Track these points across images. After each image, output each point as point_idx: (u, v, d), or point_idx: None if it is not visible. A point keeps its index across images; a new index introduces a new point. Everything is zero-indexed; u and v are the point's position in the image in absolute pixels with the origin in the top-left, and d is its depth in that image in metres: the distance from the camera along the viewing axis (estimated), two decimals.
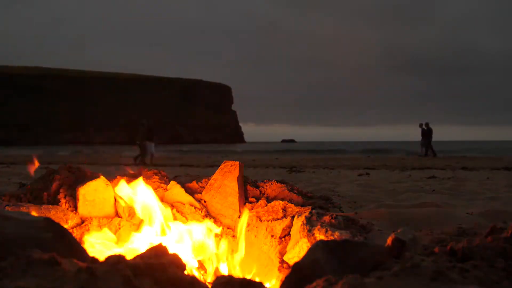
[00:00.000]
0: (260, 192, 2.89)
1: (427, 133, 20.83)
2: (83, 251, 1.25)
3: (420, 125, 21.16)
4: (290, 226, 2.38)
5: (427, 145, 20.97)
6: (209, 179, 2.88)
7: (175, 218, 2.63)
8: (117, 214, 2.69)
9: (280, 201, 2.60)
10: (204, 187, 2.86)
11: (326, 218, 2.15)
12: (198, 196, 2.83)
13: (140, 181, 2.63)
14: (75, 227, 2.58)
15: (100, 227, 2.58)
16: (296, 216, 2.33)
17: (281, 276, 2.15)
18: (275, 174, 9.59)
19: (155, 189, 2.85)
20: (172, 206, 2.72)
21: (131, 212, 2.62)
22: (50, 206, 2.61)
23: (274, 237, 2.40)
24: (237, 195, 2.72)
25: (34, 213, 2.32)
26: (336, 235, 2.00)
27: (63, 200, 2.72)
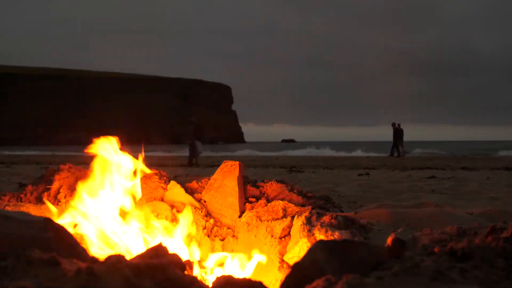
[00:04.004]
0: (260, 192, 2.90)
1: (398, 132, 20.68)
2: (83, 251, 1.25)
3: (393, 125, 20.96)
4: (290, 226, 2.38)
5: (394, 144, 20.81)
6: (209, 179, 2.88)
7: (173, 219, 2.62)
8: None
9: (280, 201, 2.60)
10: (204, 187, 2.86)
11: (326, 218, 2.15)
12: (198, 196, 2.83)
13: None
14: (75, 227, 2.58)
15: None
16: (296, 216, 2.34)
17: (281, 276, 2.15)
18: (275, 174, 9.59)
19: (154, 189, 2.85)
20: (172, 206, 2.73)
21: None
22: None
23: (274, 237, 2.40)
24: (237, 195, 2.72)
25: (34, 213, 2.32)
26: (336, 235, 2.00)
27: (63, 200, 2.72)
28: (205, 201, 2.79)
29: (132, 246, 2.09)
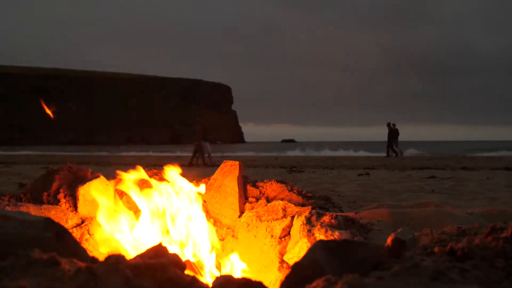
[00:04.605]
0: (260, 192, 2.89)
1: (393, 132, 20.46)
2: (83, 251, 1.25)
3: (388, 125, 20.75)
4: (290, 226, 2.38)
5: (389, 145, 20.60)
6: (209, 179, 2.88)
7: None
8: None
9: (280, 201, 2.60)
10: None
11: (326, 218, 2.15)
12: None
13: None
14: (75, 227, 2.58)
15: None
16: (296, 216, 2.33)
17: (281, 276, 2.15)
18: (275, 174, 9.59)
19: None
20: None
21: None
22: (50, 206, 2.62)
23: (274, 237, 2.40)
24: (237, 195, 2.72)
25: (34, 213, 2.32)
26: (336, 235, 2.00)
27: (63, 200, 2.72)
28: (205, 201, 2.79)
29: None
